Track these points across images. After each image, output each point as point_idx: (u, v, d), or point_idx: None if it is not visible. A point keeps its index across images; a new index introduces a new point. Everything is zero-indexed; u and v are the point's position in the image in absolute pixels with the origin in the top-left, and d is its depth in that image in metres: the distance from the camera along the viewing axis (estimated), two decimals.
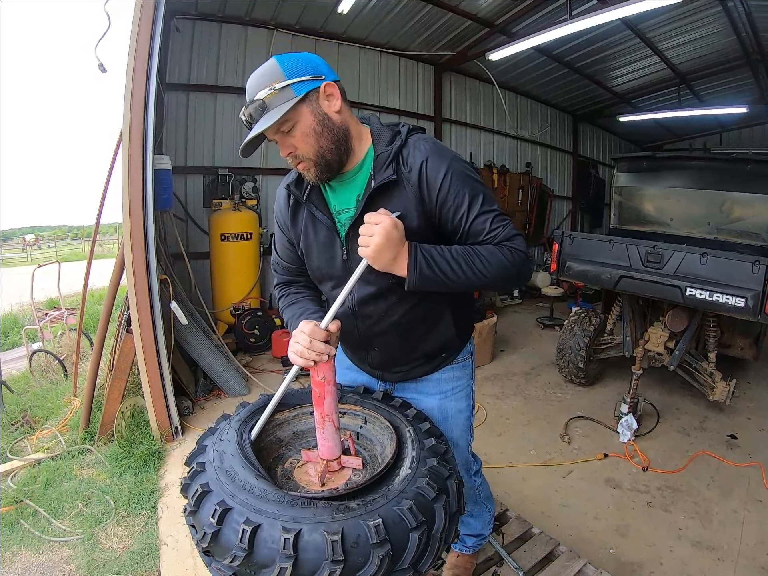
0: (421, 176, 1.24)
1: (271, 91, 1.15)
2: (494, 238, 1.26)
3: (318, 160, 1.24)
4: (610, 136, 11.94)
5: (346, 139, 1.26)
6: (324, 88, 1.20)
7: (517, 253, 1.26)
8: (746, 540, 2.55)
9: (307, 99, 1.18)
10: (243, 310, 5.36)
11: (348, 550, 0.94)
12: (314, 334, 1.18)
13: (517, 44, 5.80)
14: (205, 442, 1.27)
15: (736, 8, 5.63)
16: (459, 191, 1.25)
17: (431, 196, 1.25)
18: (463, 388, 1.61)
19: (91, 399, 3.50)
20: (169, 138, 5.25)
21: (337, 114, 1.23)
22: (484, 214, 1.26)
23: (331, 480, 1.23)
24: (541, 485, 3.05)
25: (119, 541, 2.53)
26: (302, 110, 1.18)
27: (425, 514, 1.05)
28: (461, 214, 1.26)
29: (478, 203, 1.26)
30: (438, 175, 1.24)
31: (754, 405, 4.22)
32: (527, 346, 5.93)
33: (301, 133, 1.20)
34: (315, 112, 1.20)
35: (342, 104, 1.24)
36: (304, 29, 5.96)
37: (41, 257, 22.41)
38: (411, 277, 1.19)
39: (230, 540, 0.98)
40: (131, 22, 3.11)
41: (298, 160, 1.26)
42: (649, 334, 3.91)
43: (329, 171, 1.26)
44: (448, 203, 1.25)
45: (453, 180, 1.24)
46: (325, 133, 1.22)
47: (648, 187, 4.75)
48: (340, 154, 1.25)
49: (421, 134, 1.33)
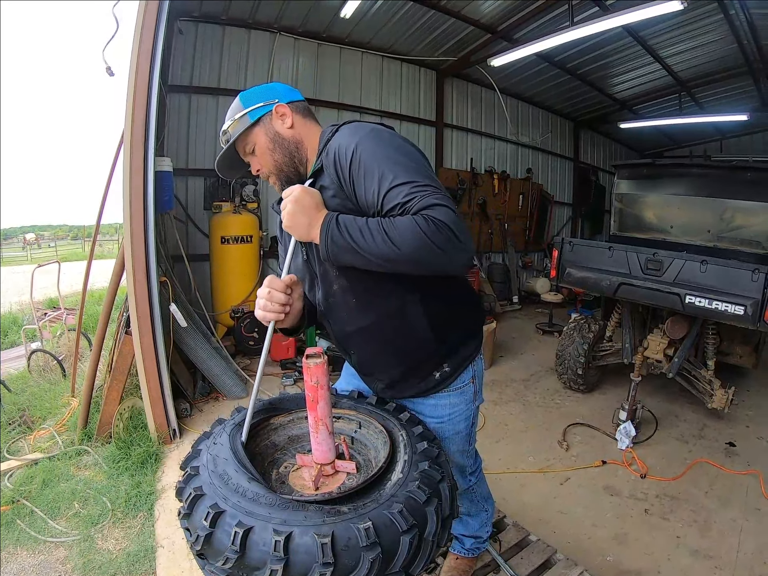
0: (335, 159, 1.24)
1: (232, 122, 1.37)
2: (409, 209, 1.12)
3: (278, 173, 1.40)
4: (610, 142, 11.98)
5: (297, 150, 1.38)
6: (276, 109, 1.36)
7: (436, 223, 1.08)
8: (744, 548, 2.54)
9: (260, 122, 1.36)
10: (242, 313, 5.36)
11: (338, 553, 0.94)
12: (273, 284, 1.27)
13: (519, 50, 5.84)
14: (199, 446, 1.28)
15: (737, 16, 5.66)
16: (368, 167, 1.18)
17: (344, 176, 1.23)
18: (461, 412, 1.55)
19: (89, 400, 3.50)
20: (170, 140, 5.28)
21: (289, 129, 1.37)
22: (398, 187, 1.14)
23: (325, 484, 1.23)
24: (539, 492, 3.04)
25: (115, 543, 2.53)
26: (257, 132, 1.36)
27: (416, 517, 1.05)
28: (372, 191, 1.18)
29: (390, 176, 1.15)
30: (347, 153, 1.21)
31: (753, 413, 4.21)
32: (526, 352, 5.93)
33: (260, 151, 1.38)
34: (267, 132, 1.36)
35: (295, 121, 1.38)
36: (307, 33, 6.00)
37: (41, 256, 22.45)
38: (323, 242, 1.16)
39: (223, 542, 0.98)
40: (134, 24, 3.12)
41: (266, 176, 1.43)
42: (649, 341, 3.91)
43: (289, 182, 1.37)
44: (360, 182, 1.20)
45: (362, 157, 1.19)
46: (278, 149, 1.37)
47: (648, 195, 4.77)
48: (294, 165, 1.39)
49: (357, 123, 1.32)
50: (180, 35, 5.16)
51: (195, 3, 5.14)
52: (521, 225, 9.36)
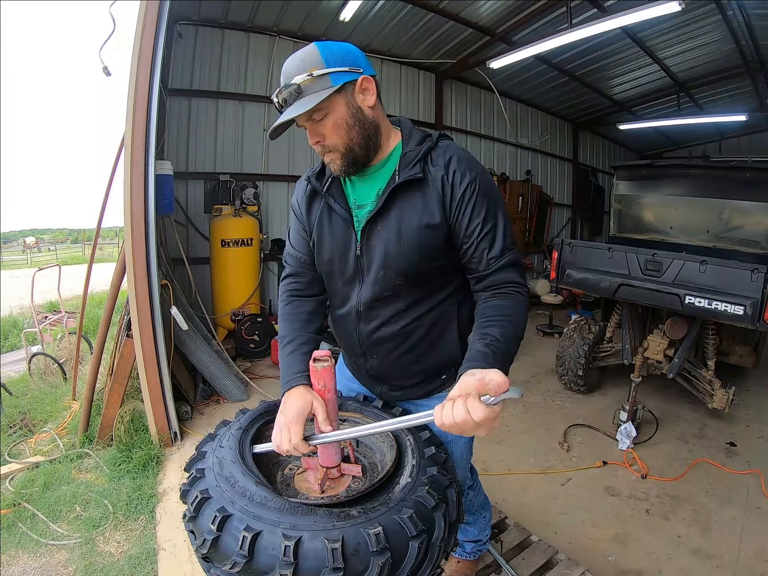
0: (447, 177, 1.22)
1: (308, 77, 1.13)
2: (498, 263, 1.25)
3: (346, 153, 1.22)
4: (609, 144, 12.00)
5: (376, 135, 1.25)
6: (361, 81, 1.18)
7: (523, 291, 1.27)
8: (745, 548, 2.54)
9: (343, 90, 1.16)
10: (243, 316, 5.37)
11: (348, 558, 0.94)
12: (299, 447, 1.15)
13: (518, 52, 5.84)
14: (204, 448, 1.27)
15: (735, 17, 5.68)
16: (479, 202, 1.23)
17: (453, 199, 1.23)
18: None
19: (90, 403, 3.50)
20: (170, 143, 5.29)
21: (370, 109, 1.22)
22: (496, 235, 1.25)
23: (330, 487, 1.23)
24: (539, 493, 3.05)
25: (117, 546, 2.53)
26: (337, 101, 1.17)
27: (425, 522, 1.04)
28: (475, 226, 1.23)
29: (493, 220, 1.24)
30: (464, 180, 1.22)
31: (754, 413, 4.21)
32: (526, 353, 5.92)
33: (332, 123, 1.19)
34: (349, 104, 1.19)
35: (376, 100, 1.23)
36: (306, 36, 6.00)
37: (41, 260, 22.43)
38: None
39: (230, 546, 0.98)
40: (135, 27, 3.13)
41: (325, 150, 1.24)
42: (649, 341, 3.92)
43: (355, 164, 1.26)
44: (467, 211, 1.23)
45: (478, 190, 1.22)
46: (357, 127, 1.21)
47: (647, 195, 4.78)
48: (368, 148, 1.25)
49: (450, 141, 1.32)
50: (180, 39, 5.17)
51: (194, 7, 5.15)
52: (520, 227, 9.34)
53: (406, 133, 1.31)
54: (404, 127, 1.34)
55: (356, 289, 1.36)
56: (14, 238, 46.09)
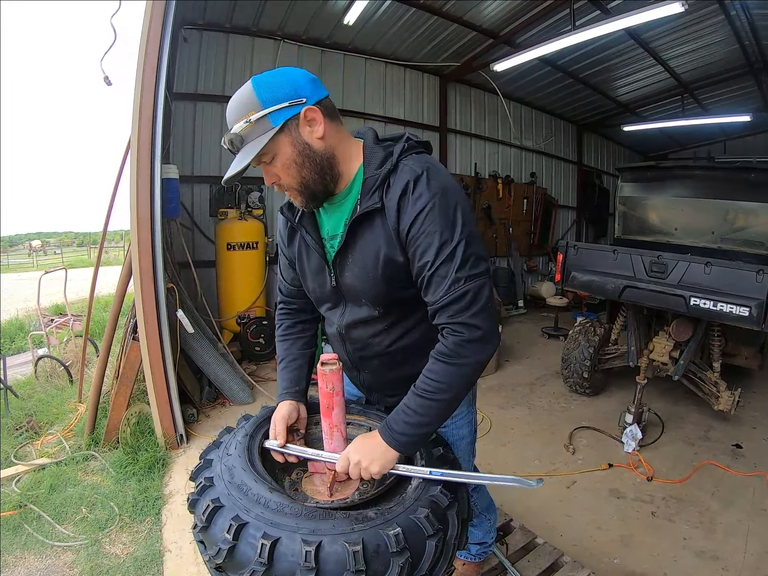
0: (400, 207, 1.12)
1: (246, 124, 1.07)
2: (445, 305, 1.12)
3: (302, 190, 1.17)
4: (614, 145, 11.97)
5: (330, 167, 1.17)
6: (304, 113, 1.09)
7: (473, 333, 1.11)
8: (750, 550, 2.53)
9: (285, 128, 1.09)
10: (248, 319, 5.38)
11: (369, 560, 0.94)
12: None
13: (522, 55, 5.85)
14: (210, 456, 1.26)
15: (738, 17, 5.67)
16: (432, 231, 1.10)
17: (403, 231, 1.13)
18: (463, 415, 1.55)
19: (96, 405, 3.52)
20: (176, 147, 5.31)
21: (320, 140, 1.13)
22: (450, 269, 1.10)
23: (338, 490, 1.24)
24: (545, 495, 3.04)
25: (123, 547, 2.54)
26: (281, 141, 1.10)
27: (440, 521, 1.06)
28: (425, 261, 1.12)
29: (447, 252, 1.10)
30: (415, 206, 1.10)
31: (759, 414, 4.20)
32: (532, 356, 5.92)
33: (281, 164, 1.13)
34: (295, 143, 1.11)
35: (326, 128, 1.13)
36: (311, 40, 6.04)
37: (47, 263, 22.53)
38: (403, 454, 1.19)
39: (247, 555, 0.97)
40: (140, 33, 3.16)
41: (283, 189, 1.20)
42: (654, 344, 3.91)
43: (315, 199, 1.20)
44: (417, 242, 1.11)
45: (428, 216, 1.09)
46: (307, 164, 1.13)
47: (652, 197, 4.76)
48: (324, 183, 1.18)
49: (416, 156, 1.19)
50: (185, 43, 5.21)
51: (199, 12, 5.18)
52: (525, 229, 9.36)
53: (367, 153, 1.21)
54: (366, 144, 1.23)
55: (338, 313, 1.36)
56: (20, 241, 46.40)
